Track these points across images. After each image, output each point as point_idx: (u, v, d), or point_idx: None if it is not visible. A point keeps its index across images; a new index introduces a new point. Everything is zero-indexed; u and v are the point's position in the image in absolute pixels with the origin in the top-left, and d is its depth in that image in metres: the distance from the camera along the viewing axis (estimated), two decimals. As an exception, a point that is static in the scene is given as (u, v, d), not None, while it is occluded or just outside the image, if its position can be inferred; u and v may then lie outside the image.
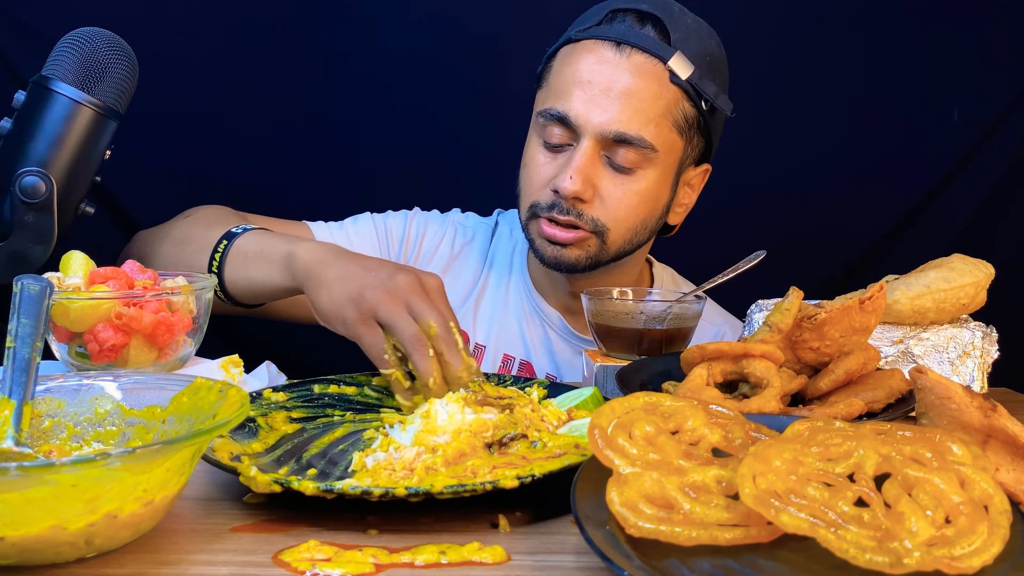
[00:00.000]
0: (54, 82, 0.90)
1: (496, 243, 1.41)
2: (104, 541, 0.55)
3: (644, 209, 1.20)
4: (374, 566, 0.55)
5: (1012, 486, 0.62)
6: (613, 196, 1.17)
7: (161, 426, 0.68)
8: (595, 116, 1.13)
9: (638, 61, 1.13)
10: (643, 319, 1.01)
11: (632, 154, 1.15)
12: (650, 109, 1.14)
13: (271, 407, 0.85)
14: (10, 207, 0.90)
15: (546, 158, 1.19)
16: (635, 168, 1.16)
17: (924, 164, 1.79)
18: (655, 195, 1.20)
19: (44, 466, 0.52)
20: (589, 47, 1.16)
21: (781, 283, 0.90)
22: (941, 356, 0.96)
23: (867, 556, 0.46)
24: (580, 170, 1.13)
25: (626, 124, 1.13)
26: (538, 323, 1.34)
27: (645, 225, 1.22)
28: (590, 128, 1.13)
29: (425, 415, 0.76)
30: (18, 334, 0.69)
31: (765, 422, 0.64)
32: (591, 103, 1.13)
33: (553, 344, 1.33)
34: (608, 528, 0.52)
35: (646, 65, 1.13)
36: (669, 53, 1.14)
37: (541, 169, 1.19)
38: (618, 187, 1.17)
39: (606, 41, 1.15)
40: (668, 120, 1.16)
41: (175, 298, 0.90)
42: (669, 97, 1.15)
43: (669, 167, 1.20)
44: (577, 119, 1.14)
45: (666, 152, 1.17)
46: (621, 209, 1.17)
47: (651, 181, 1.18)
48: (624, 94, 1.13)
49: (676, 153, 1.20)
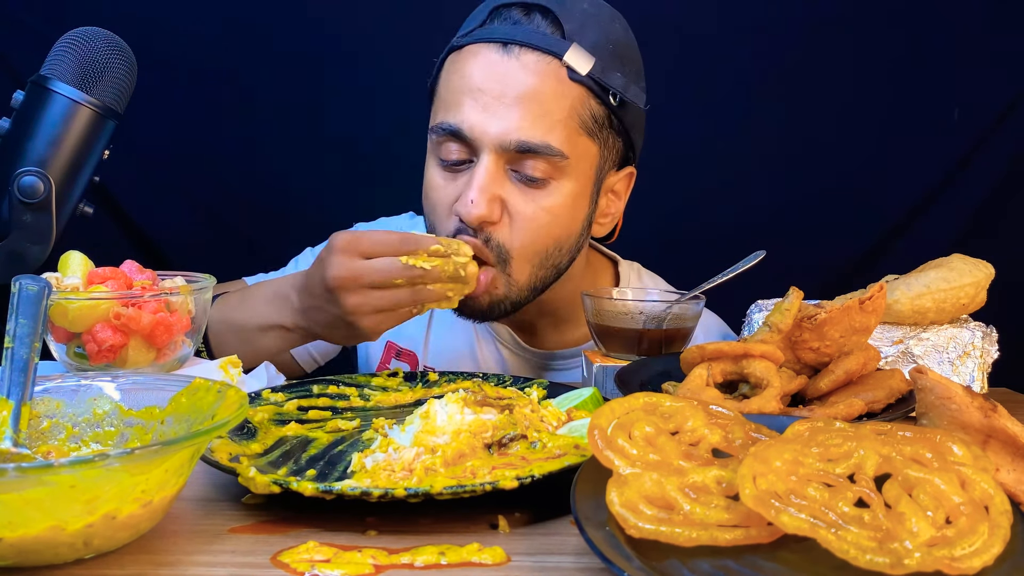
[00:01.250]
0: (53, 82, 0.90)
1: None
2: (103, 542, 0.55)
3: (557, 228, 1.05)
4: (373, 567, 0.55)
5: (1012, 486, 0.62)
6: (523, 214, 1.03)
7: (160, 427, 0.68)
8: (492, 126, 1.00)
9: (529, 60, 1.00)
10: (643, 319, 1.01)
11: (541, 164, 1.01)
12: (552, 112, 1.01)
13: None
14: (8, 207, 0.90)
15: (444, 179, 1.06)
16: (547, 179, 1.03)
17: (924, 164, 1.79)
18: (570, 211, 1.06)
19: (42, 467, 0.52)
20: (474, 51, 1.03)
21: (781, 283, 0.90)
22: (941, 356, 0.96)
23: (867, 557, 0.46)
24: (483, 189, 1.00)
25: (528, 131, 1.00)
26: (490, 341, 1.27)
27: (559, 247, 1.07)
28: (488, 140, 1.00)
29: (424, 415, 0.76)
30: (16, 334, 0.69)
31: (765, 422, 0.64)
32: (485, 112, 1.00)
33: (507, 362, 1.26)
34: (608, 529, 0.52)
35: (539, 64, 1.00)
36: (563, 47, 1.00)
37: (440, 193, 1.06)
38: (529, 204, 1.03)
39: (491, 43, 1.02)
40: (574, 122, 1.03)
41: (174, 298, 0.90)
42: (572, 96, 1.02)
43: (585, 176, 1.06)
44: (472, 131, 1.01)
45: (578, 159, 1.04)
46: (532, 229, 1.03)
47: (565, 195, 1.04)
48: (520, 99, 1.00)
49: (591, 159, 1.06)
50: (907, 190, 1.81)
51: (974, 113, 1.77)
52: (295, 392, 0.91)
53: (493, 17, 1.04)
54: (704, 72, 1.72)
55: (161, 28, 1.62)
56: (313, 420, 0.85)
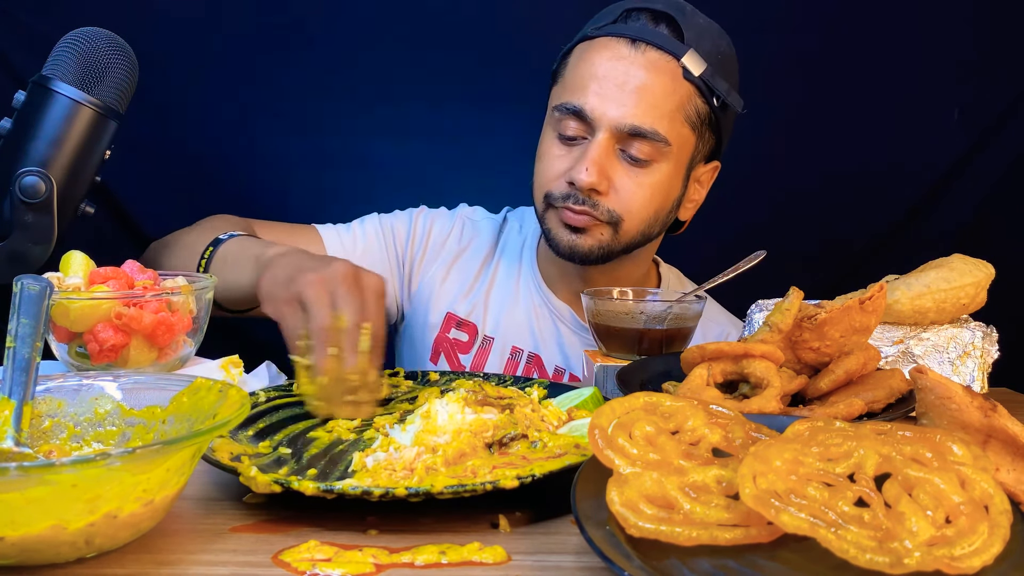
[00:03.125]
0: (54, 82, 0.90)
1: (505, 237, 1.43)
2: (104, 541, 0.55)
3: (656, 201, 1.22)
4: (374, 566, 0.55)
5: (1012, 486, 0.62)
6: (627, 188, 1.19)
7: (161, 426, 0.68)
8: (611, 110, 1.16)
9: (652, 57, 1.16)
10: (643, 319, 1.01)
11: (646, 147, 1.17)
12: (664, 104, 1.16)
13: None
14: (10, 207, 0.90)
15: (561, 151, 1.21)
16: (649, 161, 1.18)
17: (924, 164, 1.79)
18: (667, 188, 1.22)
19: (44, 466, 0.52)
20: (605, 43, 1.18)
21: (781, 283, 0.90)
22: (941, 356, 0.96)
23: (867, 556, 0.46)
24: (596, 162, 1.16)
25: (640, 118, 1.15)
26: (548, 316, 1.35)
27: (657, 217, 1.24)
28: (605, 121, 1.16)
29: (425, 415, 0.76)
30: (18, 334, 0.69)
31: (765, 422, 0.64)
32: (606, 98, 1.16)
33: (563, 337, 1.34)
34: (608, 528, 0.52)
35: (660, 61, 1.16)
36: (682, 50, 1.17)
37: (556, 161, 1.21)
38: (631, 179, 1.19)
39: (621, 38, 1.17)
40: (681, 115, 1.19)
41: (175, 298, 0.90)
42: (682, 93, 1.18)
43: (681, 162, 1.23)
44: (593, 112, 1.16)
45: (678, 147, 1.20)
46: (635, 200, 1.20)
47: (664, 174, 1.20)
48: (639, 89, 1.15)
49: (688, 148, 1.22)
50: (907, 190, 1.81)
51: (974, 113, 1.77)
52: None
53: (624, 18, 1.20)
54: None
55: (162, 28, 1.62)
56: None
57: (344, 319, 0.83)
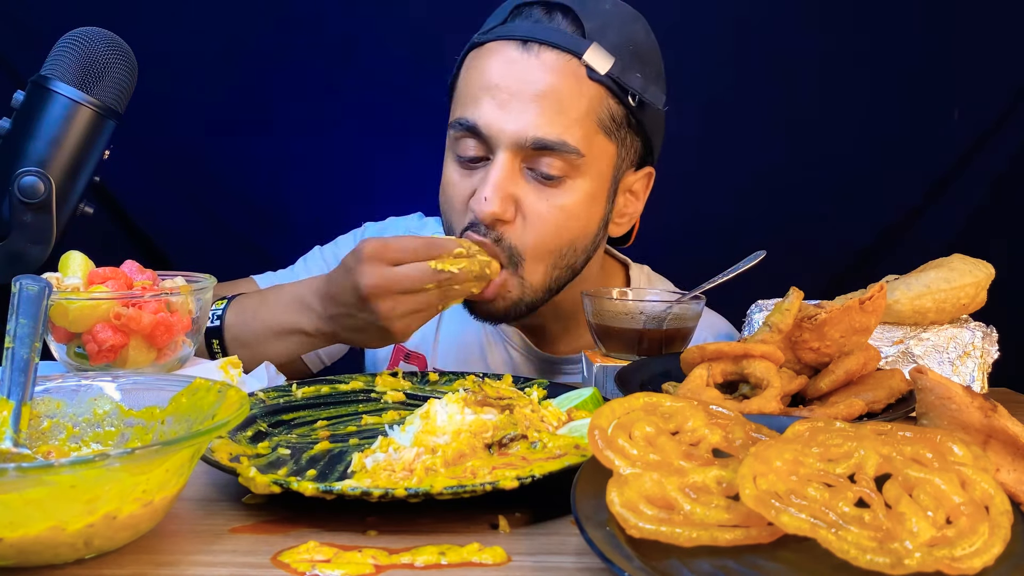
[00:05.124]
0: (53, 82, 0.90)
1: None
2: (103, 542, 0.55)
3: (573, 227, 1.05)
4: (374, 567, 0.55)
5: (1013, 486, 0.62)
6: (537, 213, 1.03)
7: (160, 427, 0.68)
8: (508, 124, 1.00)
9: (548, 59, 1.01)
10: (643, 319, 1.01)
11: (557, 162, 1.02)
12: (570, 110, 1.01)
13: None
14: (9, 207, 0.90)
15: (460, 176, 1.06)
16: (563, 177, 1.03)
17: (924, 164, 1.79)
18: (586, 210, 1.06)
19: (43, 467, 0.52)
20: (494, 49, 1.04)
21: (781, 283, 0.90)
22: (941, 356, 0.96)
23: (868, 557, 0.46)
24: (498, 186, 1.00)
25: (544, 129, 1.00)
26: (499, 344, 1.27)
27: (574, 246, 1.07)
28: (504, 138, 1.01)
29: (425, 416, 0.76)
30: (17, 334, 0.69)
31: (765, 423, 0.64)
32: (502, 110, 1.01)
33: (517, 365, 1.26)
34: (608, 529, 0.52)
35: (558, 62, 1.01)
36: (583, 46, 1.01)
37: (456, 189, 1.06)
38: (543, 202, 1.03)
39: (511, 40, 1.02)
40: (592, 121, 1.03)
41: (174, 298, 0.90)
42: (590, 95, 1.02)
43: (602, 175, 1.07)
44: (489, 128, 1.01)
45: (595, 158, 1.04)
46: (546, 228, 1.03)
47: (581, 193, 1.04)
48: (538, 96, 1.00)
49: (608, 158, 1.07)
50: (907, 190, 1.81)
51: (974, 113, 1.77)
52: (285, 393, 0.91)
53: (514, 15, 1.05)
54: (703, 72, 1.72)
55: (161, 28, 1.62)
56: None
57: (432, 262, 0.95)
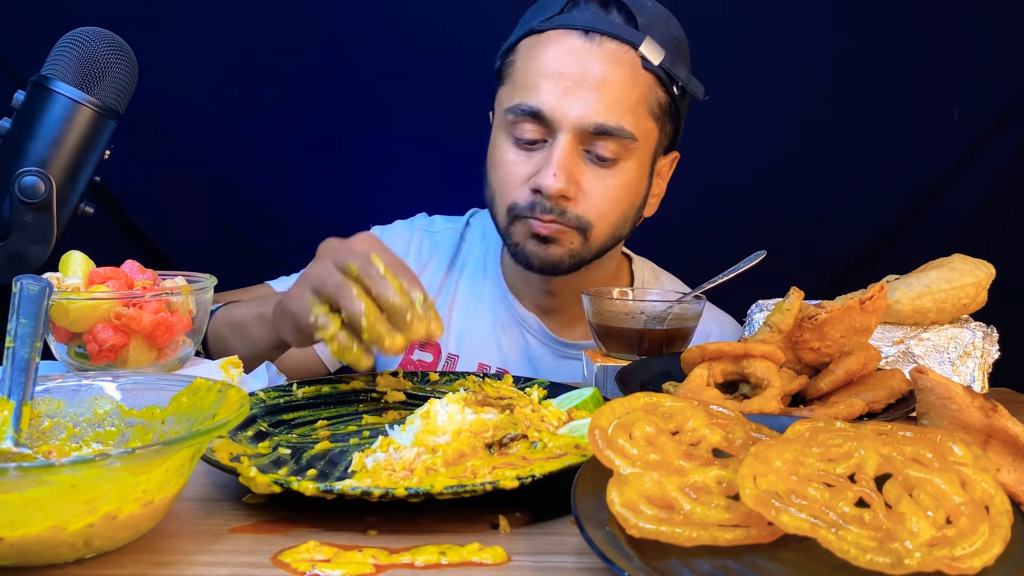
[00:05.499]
0: (53, 82, 0.90)
1: (468, 247, 1.36)
2: (103, 542, 0.55)
3: (625, 203, 1.16)
4: (374, 567, 0.55)
5: (1013, 486, 0.62)
6: (595, 191, 1.12)
7: (160, 426, 0.68)
8: (572, 109, 1.08)
9: (609, 49, 1.09)
10: (643, 319, 1.01)
11: (612, 145, 1.11)
12: (627, 98, 1.10)
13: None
14: (9, 207, 0.90)
15: (519, 156, 1.14)
16: (616, 160, 1.12)
17: (924, 164, 1.79)
18: (635, 187, 1.16)
19: (43, 467, 0.52)
20: (555, 37, 1.10)
21: (781, 283, 0.90)
22: (942, 356, 0.96)
23: (868, 557, 0.46)
24: (563, 166, 1.09)
25: (605, 115, 1.09)
26: (515, 328, 1.29)
27: (626, 218, 1.18)
28: (567, 122, 1.09)
29: (425, 415, 0.76)
30: (17, 334, 0.69)
31: (766, 422, 0.64)
32: (565, 96, 1.08)
33: (531, 349, 1.28)
34: (608, 529, 0.52)
35: (618, 52, 1.09)
36: (639, 39, 1.10)
37: (515, 168, 1.13)
38: (599, 181, 1.12)
39: (573, 30, 1.10)
40: (643, 108, 1.12)
41: (174, 298, 0.90)
42: (643, 84, 1.11)
43: (646, 157, 1.17)
44: (552, 113, 1.09)
45: (644, 141, 1.14)
46: (605, 204, 1.13)
47: (631, 173, 1.14)
48: (599, 84, 1.08)
49: (652, 142, 1.17)
50: (907, 190, 1.81)
51: (974, 113, 1.77)
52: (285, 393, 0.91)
53: (570, 7, 1.12)
54: (703, 72, 1.72)
55: (162, 28, 1.62)
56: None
57: (352, 267, 0.78)
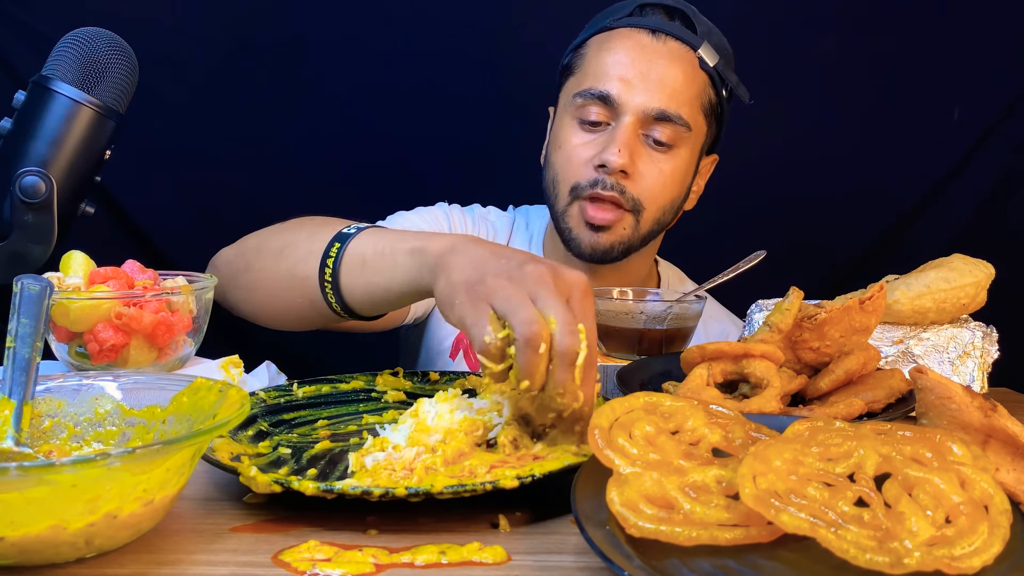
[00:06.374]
0: (54, 82, 0.90)
1: (513, 238, 1.44)
2: (104, 541, 0.55)
3: (674, 188, 1.26)
4: (374, 566, 0.55)
5: (1012, 486, 0.62)
6: (650, 173, 1.22)
7: (161, 426, 0.68)
8: (637, 95, 1.20)
9: (673, 47, 1.23)
10: (643, 319, 1.01)
11: (668, 131, 1.22)
12: (685, 91, 1.22)
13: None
14: (10, 207, 0.90)
15: (584, 138, 1.24)
16: (671, 145, 1.23)
17: (924, 164, 1.79)
18: (684, 175, 1.27)
19: (44, 466, 0.52)
20: (625, 34, 1.24)
21: (781, 283, 0.90)
22: (941, 356, 0.96)
23: (867, 556, 0.46)
24: (626, 143, 1.19)
25: (666, 102, 1.21)
26: None
27: (673, 204, 1.28)
28: (633, 106, 1.20)
29: (414, 414, 0.75)
30: (18, 334, 0.69)
31: (765, 422, 0.64)
32: (632, 84, 1.21)
33: None
34: (608, 528, 0.52)
35: (680, 51, 1.23)
36: (698, 42, 1.24)
37: (580, 149, 1.24)
38: (654, 164, 1.23)
39: (642, 29, 1.24)
40: (698, 103, 1.25)
41: (175, 298, 0.90)
42: (699, 81, 1.24)
43: (696, 148, 1.28)
44: (620, 97, 1.20)
45: (696, 133, 1.26)
46: (657, 186, 1.23)
47: (683, 160, 1.25)
48: (663, 76, 1.21)
49: (701, 136, 1.28)
50: (907, 190, 1.81)
51: (974, 113, 1.77)
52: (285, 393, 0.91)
53: (640, 12, 1.26)
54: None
55: (162, 28, 1.62)
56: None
57: (553, 322, 0.67)
